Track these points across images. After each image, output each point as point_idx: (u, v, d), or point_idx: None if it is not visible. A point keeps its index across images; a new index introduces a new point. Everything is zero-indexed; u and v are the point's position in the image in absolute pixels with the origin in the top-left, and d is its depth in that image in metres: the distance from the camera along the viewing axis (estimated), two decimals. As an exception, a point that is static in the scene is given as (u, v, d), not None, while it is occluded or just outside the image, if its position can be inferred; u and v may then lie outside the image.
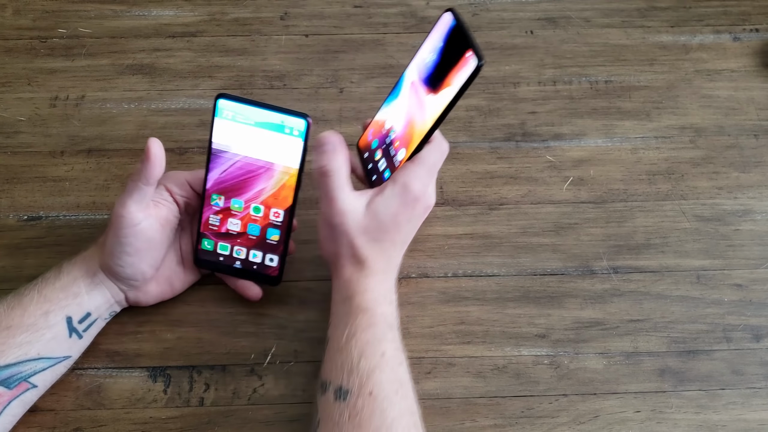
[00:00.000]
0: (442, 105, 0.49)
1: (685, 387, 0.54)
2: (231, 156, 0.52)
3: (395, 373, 0.45)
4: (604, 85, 0.69)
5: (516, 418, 0.52)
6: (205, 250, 0.54)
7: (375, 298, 0.48)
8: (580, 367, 0.54)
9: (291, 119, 0.50)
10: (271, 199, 0.53)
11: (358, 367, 0.44)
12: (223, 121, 0.51)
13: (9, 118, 0.66)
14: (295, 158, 0.52)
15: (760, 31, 0.73)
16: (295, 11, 0.73)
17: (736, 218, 0.61)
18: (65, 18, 0.72)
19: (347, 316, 0.47)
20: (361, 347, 0.45)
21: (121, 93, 0.67)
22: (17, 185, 0.62)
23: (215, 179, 0.52)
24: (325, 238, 0.51)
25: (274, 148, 0.51)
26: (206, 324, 0.56)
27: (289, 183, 0.52)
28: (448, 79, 0.49)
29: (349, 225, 0.49)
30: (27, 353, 0.47)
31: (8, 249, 0.58)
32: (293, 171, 0.52)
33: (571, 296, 0.57)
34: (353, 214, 0.49)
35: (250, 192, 0.52)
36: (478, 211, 0.61)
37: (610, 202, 0.62)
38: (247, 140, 0.51)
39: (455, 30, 0.49)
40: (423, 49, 0.51)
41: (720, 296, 0.58)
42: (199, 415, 0.52)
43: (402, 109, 0.52)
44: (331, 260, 0.51)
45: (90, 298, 0.50)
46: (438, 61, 0.50)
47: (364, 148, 0.55)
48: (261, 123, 0.51)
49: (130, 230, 0.49)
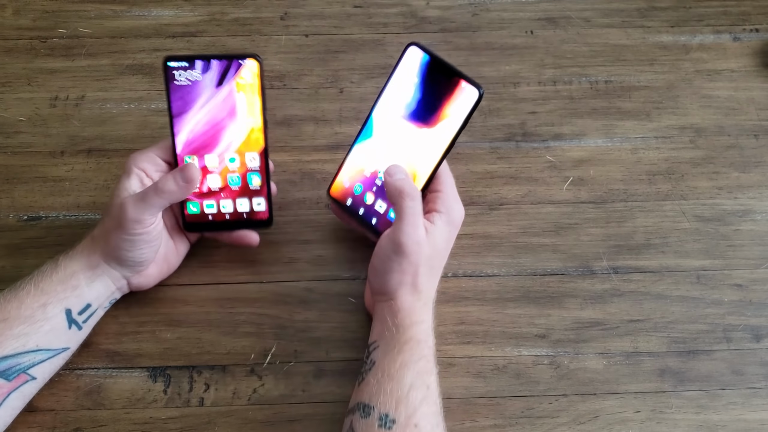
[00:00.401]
0: (448, 137, 0.51)
1: (685, 387, 0.54)
2: (192, 115, 0.51)
3: (437, 406, 0.46)
4: (604, 85, 0.69)
5: (516, 418, 0.52)
6: (192, 214, 0.54)
7: (426, 330, 0.49)
8: (580, 367, 0.54)
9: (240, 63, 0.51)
10: (244, 146, 0.53)
11: (407, 398, 0.45)
12: (176, 83, 0.51)
13: (9, 118, 0.66)
14: (255, 99, 0.51)
15: (760, 31, 0.72)
16: (295, 11, 0.73)
17: (736, 218, 0.61)
18: (65, 18, 0.72)
19: (402, 344, 0.47)
20: (413, 378, 0.46)
21: (121, 93, 0.67)
22: (17, 185, 0.62)
23: (184, 142, 0.52)
24: (391, 263, 0.49)
25: (233, 95, 0.51)
26: (206, 324, 0.56)
27: (257, 126, 0.52)
28: (443, 111, 0.50)
29: (420, 254, 0.49)
30: (25, 345, 0.47)
31: (8, 249, 0.58)
32: (257, 112, 0.52)
33: (571, 296, 0.57)
34: (425, 244, 0.49)
35: (220, 145, 0.52)
36: (478, 211, 0.61)
37: (610, 202, 0.62)
38: (204, 95, 0.51)
39: (433, 63, 0.50)
40: (391, 86, 0.52)
41: (720, 296, 0.58)
42: (199, 415, 0.52)
43: (385, 149, 0.53)
44: (390, 287, 0.50)
45: (90, 289, 0.51)
46: (422, 96, 0.51)
47: (344, 195, 0.56)
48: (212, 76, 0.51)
49: (144, 230, 0.50)
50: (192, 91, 0.51)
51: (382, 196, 0.54)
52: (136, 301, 0.56)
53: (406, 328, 0.48)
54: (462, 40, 0.72)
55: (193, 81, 0.50)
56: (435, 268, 0.51)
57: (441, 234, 0.51)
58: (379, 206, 0.55)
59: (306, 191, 0.62)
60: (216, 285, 0.57)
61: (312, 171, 0.63)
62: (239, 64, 0.50)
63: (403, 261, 0.49)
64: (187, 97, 0.51)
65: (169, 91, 0.51)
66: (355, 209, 0.55)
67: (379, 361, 0.47)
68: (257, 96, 0.51)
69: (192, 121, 0.51)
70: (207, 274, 0.58)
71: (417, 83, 0.51)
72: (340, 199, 0.56)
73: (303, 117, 0.66)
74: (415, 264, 0.49)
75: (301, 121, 0.66)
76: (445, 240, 0.51)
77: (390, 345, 0.48)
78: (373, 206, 0.55)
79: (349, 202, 0.55)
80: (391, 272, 0.49)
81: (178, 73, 0.50)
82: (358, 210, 0.55)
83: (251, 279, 0.58)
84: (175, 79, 0.50)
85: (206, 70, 0.50)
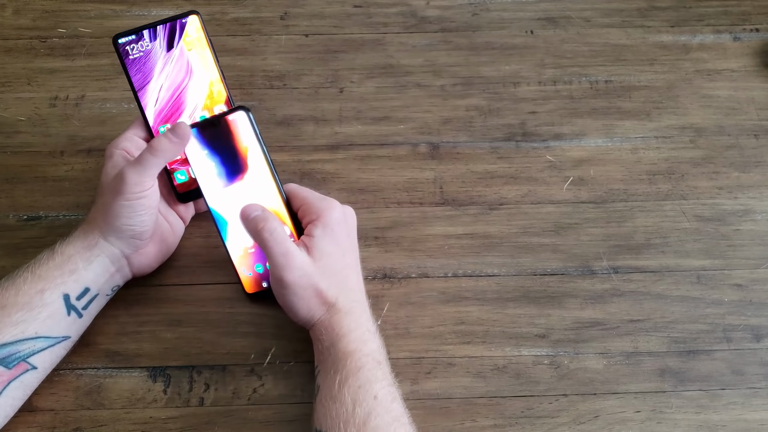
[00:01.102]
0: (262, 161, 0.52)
1: (685, 387, 0.54)
2: (154, 85, 0.53)
3: (390, 413, 0.45)
4: (604, 85, 0.69)
5: (516, 418, 0.52)
6: (181, 183, 0.55)
7: (357, 338, 0.48)
8: (580, 367, 0.54)
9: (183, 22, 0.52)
10: (209, 101, 0.54)
11: (353, 416, 0.44)
12: (131, 58, 0.52)
13: (9, 118, 0.66)
14: (206, 53, 0.53)
15: (760, 31, 0.72)
16: (295, 11, 0.73)
17: (736, 218, 0.61)
18: (65, 18, 0.72)
19: (336, 362, 0.47)
20: (354, 394, 0.45)
21: (121, 93, 0.67)
22: (17, 185, 0.62)
23: (154, 114, 0.53)
24: (289, 297, 0.49)
25: (185, 54, 0.53)
26: (206, 324, 0.56)
27: (215, 77, 0.54)
28: (240, 149, 0.51)
29: (310, 274, 0.49)
30: (24, 332, 0.47)
31: (8, 249, 0.58)
32: (210, 65, 0.53)
33: (571, 296, 0.57)
34: (307, 263, 0.49)
35: (188, 107, 0.53)
36: (478, 211, 0.61)
37: (611, 202, 0.62)
38: (159, 62, 0.52)
39: (200, 129, 0.51)
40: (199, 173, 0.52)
41: (720, 296, 0.57)
42: (199, 415, 0.52)
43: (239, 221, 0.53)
44: (304, 317, 0.50)
45: (88, 271, 0.50)
46: (219, 157, 0.52)
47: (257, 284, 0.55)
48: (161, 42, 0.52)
49: (142, 195, 0.49)
50: (147, 61, 0.52)
51: None
52: (136, 301, 0.56)
53: (334, 345, 0.48)
54: (462, 40, 0.72)
55: (145, 50, 0.52)
56: (339, 274, 0.50)
57: (324, 240, 0.50)
58: None
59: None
60: (216, 285, 0.57)
61: (312, 171, 0.63)
62: (183, 23, 0.52)
63: (296, 291, 0.48)
64: (144, 68, 0.52)
65: (126, 67, 0.52)
66: None
67: (322, 385, 0.47)
68: (207, 49, 0.53)
69: (155, 91, 0.53)
70: (207, 274, 0.58)
71: (207, 153, 0.51)
72: (260, 290, 0.55)
73: (303, 117, 0.66)
74: (310, 286, 0.49)
75: (301, 121, 0.66)
76: (333, 243, 0.50)
77: (327, 366, 0.48)
78: None
79: (265, 285, 0.55)
80: (295, 306, 0.49)
81: (129, 47, 0.52)
82: None
83: (251, 279, 0.58)
84: (129, 55, 0.52)
85: (154, 38, 0.52)
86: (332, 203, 0.52)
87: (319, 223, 0.50)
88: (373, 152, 0.64)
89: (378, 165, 0.64)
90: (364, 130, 0.65)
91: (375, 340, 0.49)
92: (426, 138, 0.65)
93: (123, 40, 0.51)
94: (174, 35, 0.52)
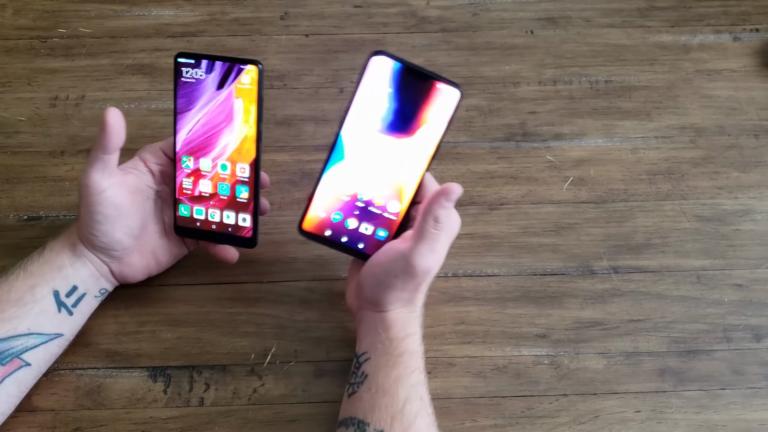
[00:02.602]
0: (432, 143, 0.49)
1: (685, 387, 0.54)
2: (193, 114, 0.52)
3: (431, 417, 0.46)
4: (604, 85, 0.69)
5: (516, 418, 0.52)
6: (182, 216, 0.54)
7: (418, 340, 0.49)
8: (581, 367, 0.54)
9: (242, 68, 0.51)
10: (236, 155, 0.52)
11: (402, 413, 0.44)
12: (183, 80, 0.51)
13: (9, 118, 0.66)
14: (252, 108, 0.51)
15: (760, 31, 0.72)
16: (295, 11, 0.73)
17: (736, 218, 0.61)
18: (65, 18, 0.72)
19: (397, 357, 0.47)
20: (407, 392, 0.46)
21: (121, 93, 0.67)
22: (17, 185, 0.62)
23: (183, 140, 0.53)
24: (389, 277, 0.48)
25: (231, 99, 0.51)
26: (206, 324, 0.56)
27: (250, 134, 0.52)
28: (421, 117, 0.48)
29: (428, 275, 0.48)
30: (16, 328, 0.47)
31: (8, 249, 0.58)
32: (252, 121, 0.52)
33: (572, 296, 0.57)
34: (435, 267, 0.48)
35: (215, 149, 0.53)
36: (478, 211, 0.61)
37: (611, 202, 0.62)
38: (206, 95, 0.51)
39: (404, 70, 0.48)
40: (359, 101, 0.49)
41: (720, 296, 0.57)
42: (199, 415, 0.52)
43: (363, 168, 0.51)
44: (382, 298, 0.49)
45: (74, 270, 0.50)
46: (398, 105, 0.49)
47: (320, 227, 0.52)
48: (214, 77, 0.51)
49: (96, 198, 0.49)
50: (195, 90, 0.51)
51: (367, 219, 0.52)
52: (136, 301, 0.56)
53: (399, 340, 0.48)
54: (462, 40, 0.72)
55: (197, 79, 0.51)
56: (426, 283, 0.50)
57: (443, 249, 0.49)
58: (364, 229, 0.52)
59: (306, 191, 0.61)
60: (216, 285, 0.57)
61: (312, 171, 0.63)
62: (240, 68, 0.50)
63: (409, 280, 0.47)
64: (191, 95, 0.51)
65: (177, 87, 0.51)
66: (336, 239, 0.52)
67: (372, 375, 0.47)
68: (254, 104, 0.51)
69: (192, 120, 0.52)
70: (207, 274, 0.58)
71: (390, 93, 0.49)
72: (317, 232, 0.53)
73: (303, 117, 0.66)
74: (420, 284, 0.48)
75: (301, 121, 0.66)
76: (445, 253, 0.50)
77: (383, 358, 0.47)
78: (357, 230, 0.52)
79: (328, 233, 0.52)
80: (393, 288, 0.48)
81: (185, 70, 0.51)
82: (340, 239, 0.52)
83: (251, 279, 0.58)
84: (182, 76, 0.51)
85: (210, 71, 0.51)
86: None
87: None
88: (373, 152, 0.64)
89: (378, 165, 0.64)
90: (364, 130, 0.65)
91: (423, 346, 0.50)
92: (426, 138, 0.65)
93: (182, 60, 0.51)
94: (228, 76, 0.51)
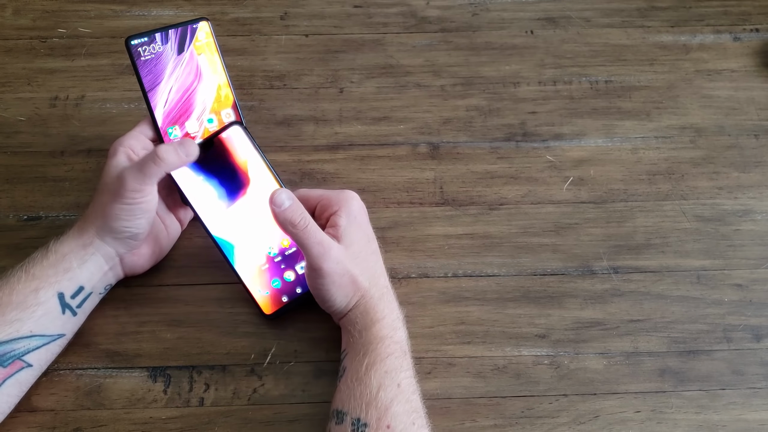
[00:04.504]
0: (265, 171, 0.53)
1: (685, 387, 0.54)
2: (164, 87, 0.53)
3: (410, 403, 0.46)
4: (604, 85, 0.69)
5: (516, 419, 0.52)
6: None
7: (389, 324, 0.49)
8: (580, 367, 0.54)
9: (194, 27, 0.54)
10: (216, 104, 0.55)
11: (376, 399, 0.45)
12: (142, 60, 0.52)
13: (9, 118, 0.66)
14: (215, 57, 0.55)
15: (760, 31, 0.72)
16: (295, 11, 0.73)
17: (736, 218, 0.61)
18: (65, 18, 0.72)
19: (366, 345, 0.48)
20: (380, 378, 0.46)
21: (121, 93, 0.67)
22: (17, 185, 0.62)
23: (163, 115, 0.54)
24: (327, 286, 0.49)
25: (194, 58, 0.54)
26: (206, 324, 0.56)
27: (222, 81, 0.55)
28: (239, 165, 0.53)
29: (344, 261, 0.49)
30: (19, 330, 0.47)
31: (8, 249, 0.58)
32: (220, 69, 0.55)
33: (571, 296, 0.57)
34: (341, 251, 0.49)
35: (196, 108, 0.55)
36: (478, 211, 0.61)
37: (611, 202, 0.62)
38: (170, 64, 0.53)
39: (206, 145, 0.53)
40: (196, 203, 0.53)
41: (720, 296, 0.57)
42: (199, 415, 0.52)
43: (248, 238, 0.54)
44: (341, 306, 0.50)
45: (82, 270, 0.50)
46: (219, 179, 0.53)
47: (276, 301, 0.54)
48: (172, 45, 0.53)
49: (140, 200, 0.50)
50: (158, 63, 0.53)
51: (294, 262, 0.55)
52: (136, 301, 0.56)
53: (367, 329, 0.48)
54: (462, 40, 0.72)
55: (156, 53, 0.53)
56: (368, 260, 0.51)
57: (351, 228, 0.50)
58: (300, 269, 0.55)
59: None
60: (216, 285, 0.57)
61: (312, 171, 0.63)
62: (194, 28, 0.54)
63: (334, 279, 0.49)
64: (155, 70, 0.53)
65: (138, 69, 0.53)
66: (295, 296, 0.55)
67: (348, 367, 0.48)
68: (215, 54, 0.55)
69: (165, 92, 0.54)
70: (207, 274, 0.58)
71: (203, 179, 0.53)
72: (279, 306, 0.54)
73: (303, 117, 0.66)
74: (345, 273, 0.49)
75: (301, 121, 0.66)
76: (359, 230, 0.51)
77: (356, 349, 0.48)
78: (298, 275, 0.55)
79: (285, 299, 0.54)
80: (331, 295, 0.49)
81: (142, 49, 0.52)
82: (296, 294, 0.54)
83: (251, 279, 0.58)
84: (141, 56, 0.52)
85: (166, 41, 0.53)
86: (351, 193, 0.52)
87: (342, 213, 0.51)
88: (373, 152, 0.64)
89: (378, 165, 0.64)
90: (364, 130, 0.65)
91: (403, 328, 0.50)
92: (426, 138, 0.65)
93: (135, 42, 0.52)
94: (185, 39, 0.53)
